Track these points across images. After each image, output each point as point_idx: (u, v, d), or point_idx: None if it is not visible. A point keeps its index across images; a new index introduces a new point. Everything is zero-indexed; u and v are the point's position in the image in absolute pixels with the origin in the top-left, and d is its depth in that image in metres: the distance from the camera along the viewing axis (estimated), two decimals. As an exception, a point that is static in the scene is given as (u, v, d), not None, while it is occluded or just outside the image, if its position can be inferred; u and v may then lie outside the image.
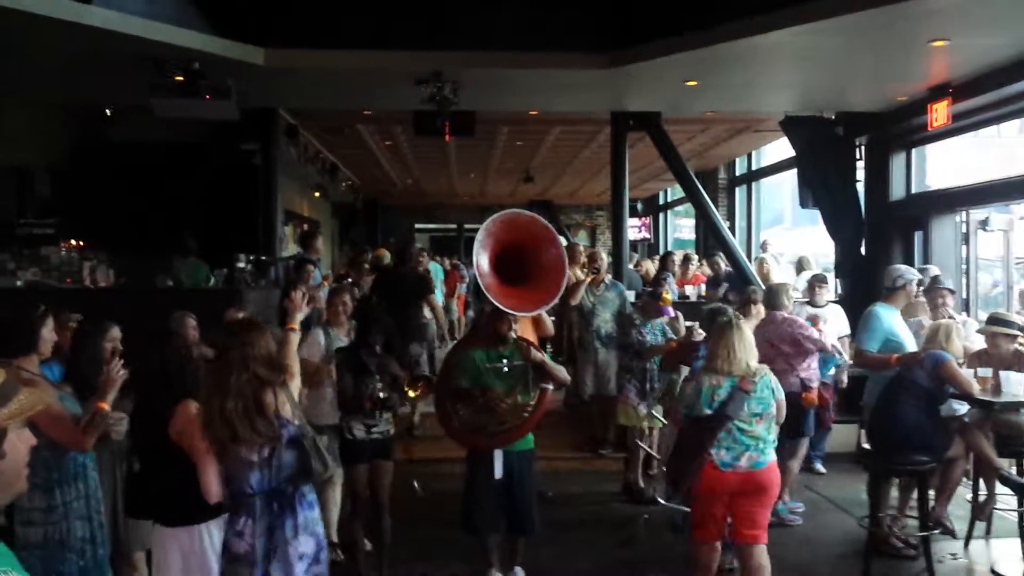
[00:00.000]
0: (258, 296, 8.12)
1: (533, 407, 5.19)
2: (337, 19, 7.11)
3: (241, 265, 8.31)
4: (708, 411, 4.65)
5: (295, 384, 3.66)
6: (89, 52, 6.70)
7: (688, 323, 7.26)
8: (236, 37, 6.84)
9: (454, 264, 17.94)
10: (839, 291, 9.73)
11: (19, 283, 8.04)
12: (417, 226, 24.52)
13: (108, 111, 9.92)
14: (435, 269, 12.88)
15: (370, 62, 7.30)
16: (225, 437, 3.38)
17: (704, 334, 6.17)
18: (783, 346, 6.56)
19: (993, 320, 6.20)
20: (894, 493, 6.34)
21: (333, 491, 5.77)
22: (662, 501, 6.70)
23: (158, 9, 6.36)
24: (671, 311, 7.46)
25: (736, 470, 4.56)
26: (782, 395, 4.74)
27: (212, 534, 3.68)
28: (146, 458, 4.14)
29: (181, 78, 6.85)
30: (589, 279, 8.20)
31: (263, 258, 8.93)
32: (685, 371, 6.95)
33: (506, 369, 5.22)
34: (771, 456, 4.65)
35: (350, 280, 11.10)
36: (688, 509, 5.14)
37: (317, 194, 16.16)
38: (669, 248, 19.08)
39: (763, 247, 12.69)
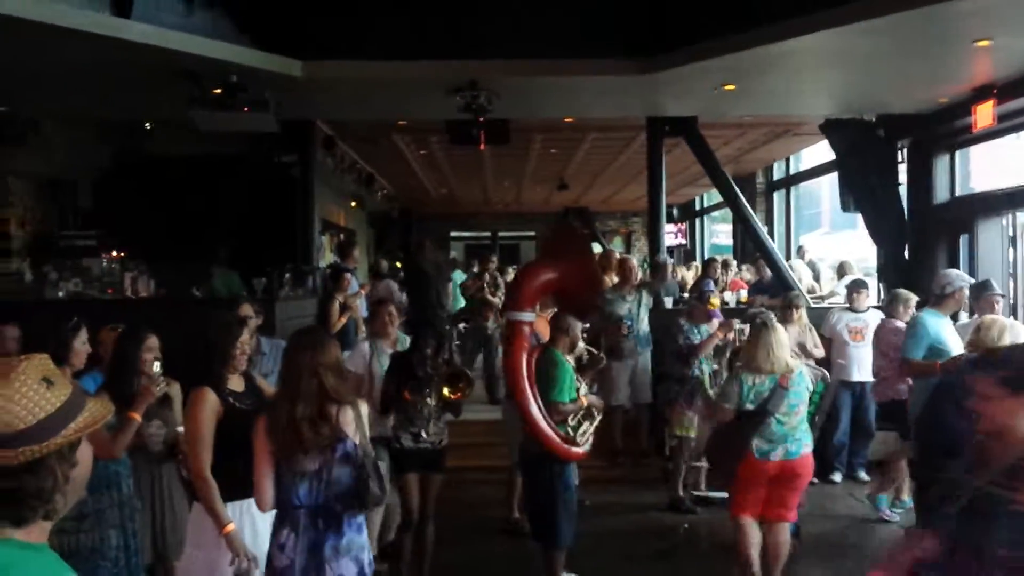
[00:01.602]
0: (293, 305, 8.17)
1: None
2: (373, 30, 7.14)
3: (282, 275, 8.37)
4: (750, 406, 5.14)
5: (364, 408, 3.59)
6: (128, 66, 6.78)
7: (740, 325, 7.19)
8: (274, 50, 6.89)
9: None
10: (881, 296, 9.56)
11: (61, 294, 8.15)
12: (452, 234, 24.59)
13: (148, 124, 10.06)
14: (457, 277, 12.84)
15: (406, 72, 7.31)
16: (293, 443, 3.36)
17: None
18: (891, 353, 6.60)
19: None
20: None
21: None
22: (698, 493, 6.69)
23: (196, 23, 6.43)
24: (720, 315, 7.41)
25: (773, 458, 5.07)
26: (812, 386, 5.33)
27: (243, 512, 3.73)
28: None
29: (219, 91, 6.91)
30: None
31: (301, 267, 8.99)
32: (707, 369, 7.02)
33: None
34: (805, 446, 5.15)
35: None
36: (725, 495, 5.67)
37: (353, 204, 16.27)
38: (706, 253, 18.95)
39: (800, 253, 12.54)
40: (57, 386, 1.73)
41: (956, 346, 5.95)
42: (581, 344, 5.70)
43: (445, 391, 5.12)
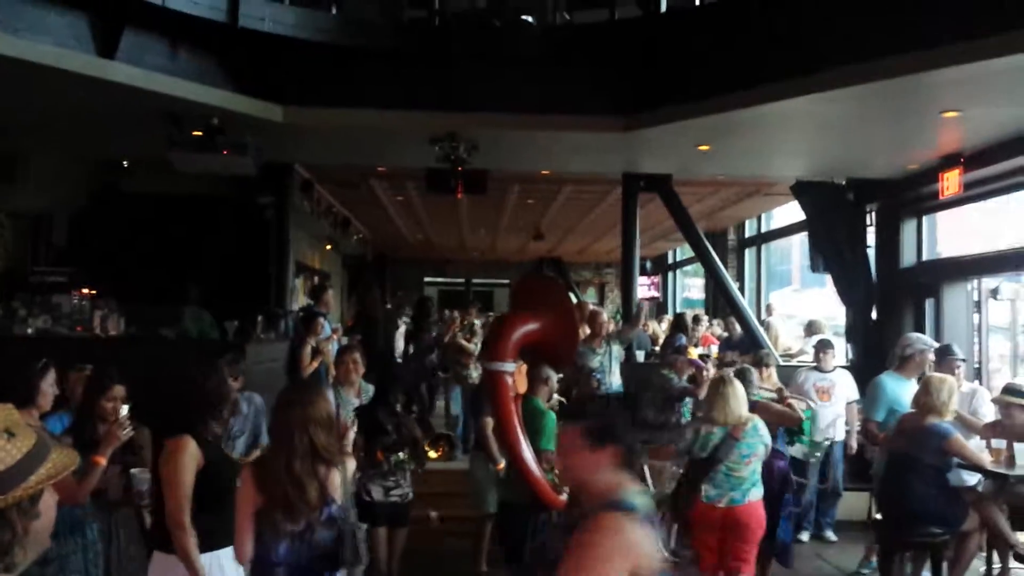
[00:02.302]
0: (265, 349, 8.11)
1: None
2: (354, 79, 7.22)
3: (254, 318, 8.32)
4: (703, 454, 5.36)
5: (351, 465, 3.59)
6: (111, 106, 6.82)
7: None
8: (256, 94, 6.95)
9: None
10: (849, 356, 9.68)
11: (30, 331, 8.04)
12: (426, 279, 24.60)
13: (125, 163, 10.05)
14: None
15: (386, 121, 7.40)
16: (286, 499, 3.29)
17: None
18: None
19: (1008, 390, 6.14)
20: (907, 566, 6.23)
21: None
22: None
23: (180, 66, 6.49)
24: (701, 363, 7.51)
25: (717, 504, 5.26)
26: (769, 441, 5.40)
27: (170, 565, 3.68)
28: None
29: (199, 133, 6.94)
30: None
31: (274, 310, 8.95)
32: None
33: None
34: (752, 495, 5.29)
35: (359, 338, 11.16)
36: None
37: (328, 247, 16.24)
38: (679, 307, 19.09)
39: (768, 311, 12.66)
40: (19, 437, 1.70)
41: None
42: (555, 395, 5.79)
43: (430, 454, 5.12)
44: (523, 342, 5.59)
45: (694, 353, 7.60)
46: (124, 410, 4.17)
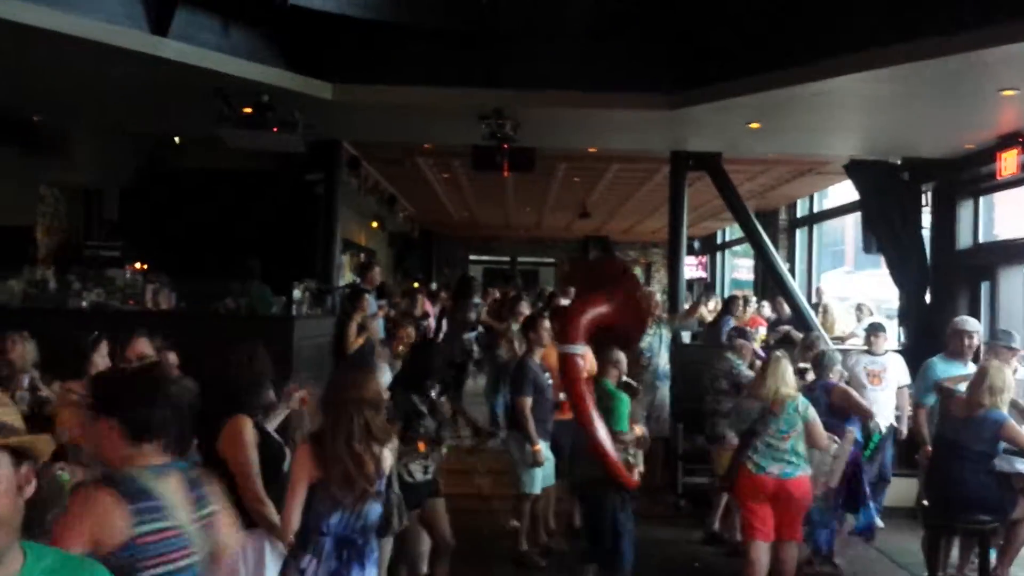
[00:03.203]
0: (312, 325, 8.20)
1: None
2: (403, 56, 7.22)
3: (298, 293, 8.39)
4: (742, 427, 5.79)
5: (394, 442, 3.71)
6: (162, 83, 6.91)
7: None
8: (305, 72, 6.99)
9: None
10: (902, 339, 9.51)
11: (84, 304, 8.22)
12: (471, 257, 24.65)
13: (177, 139, 10.19)
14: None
15: (433, 98, 7.40)
16: (353, 472, 3.42)
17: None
18: None
19: None
20: (955, 551, 6.13)
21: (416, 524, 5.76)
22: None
23: (231, 43, 6.54)
24: (763, 354, 7.47)
25: (768, 474, 5.45)
26: (814, 418, 5.57)
27: (247, 545, 3.71)
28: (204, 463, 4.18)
29: (249, 110, 7.01)
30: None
31: (320, 286, 9.03)
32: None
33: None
34: (800, 470, 5.48)
35: (402, 310, 11.24)
36: None
37: (375, 224, 16.35)
38: (727, 288, 18.90)
39: (817, 293, 12.43)
40: None
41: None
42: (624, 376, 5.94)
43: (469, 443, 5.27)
44: (594, 324, 5.78)
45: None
46: None
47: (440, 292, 15.19)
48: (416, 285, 15.66)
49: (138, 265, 9.44)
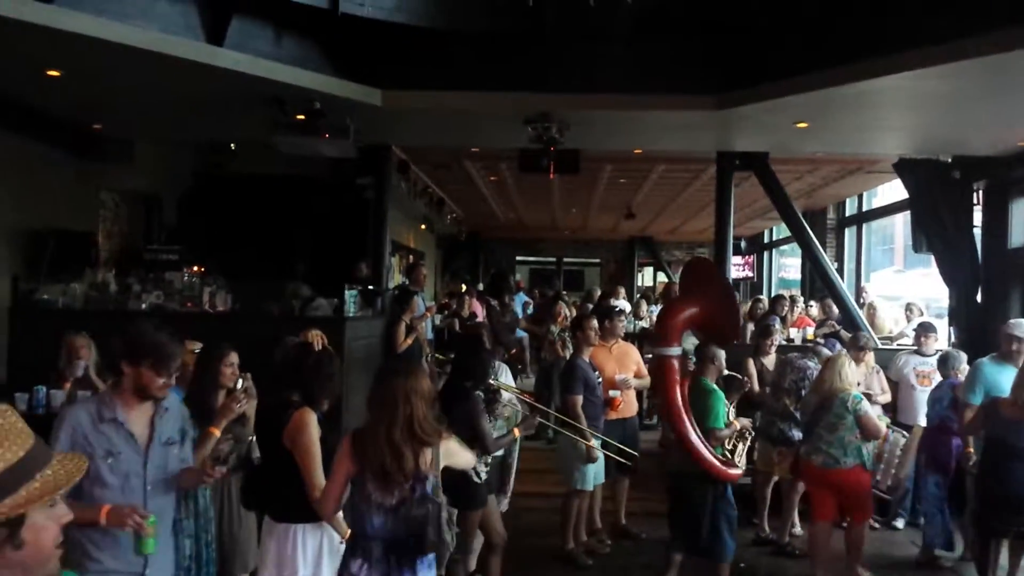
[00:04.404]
0: (362, 325, 8.35)
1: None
2: (450, 61, 7.34)
3: (351, 294, 8.57)
4: (806, 419, 6.35)
5: (451, 444, 3.62)
6: (218, 91, 7.11)
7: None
8: (356, 78, 7.15)
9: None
10: (952, 339, 9.39)
11: (144, 306, 8.45)
12: (518, 258, 24.78)
13: (232, 145, 10.45)
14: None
15: (480, 103, 7.51)
16: (387, 464, 3.36)
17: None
18: None
19: None
20: (1005, 554, 6.07)
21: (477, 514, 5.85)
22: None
23: (284, 51, 6.72)
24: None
25: (813, 463, 6.02)
26: (863, 411, 5.91)
27: (306, 537, 3.93)
28: (264, 454, 4.31)
29: (302, 117, 7.18)
30: None
31: (370, 288, 9.19)
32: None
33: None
34: (845, 462, 5.89)
35: (453, 309, 11.38)
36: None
37: (423, 226, 16.55)
38: (774, 287, 18.74)
39: (860, 292, 12.26)
40: (5, 446, 1.46)
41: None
42: (724, 371, 6.19)
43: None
44: (686, 325, 6.08)
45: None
46: (240, 383, 4.39)
47: (487, 293, 15.34)
48: (464, 287, 15.82)
49: (195, 268, 9.69)
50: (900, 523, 7.70)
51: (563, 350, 9.90)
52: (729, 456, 5.90)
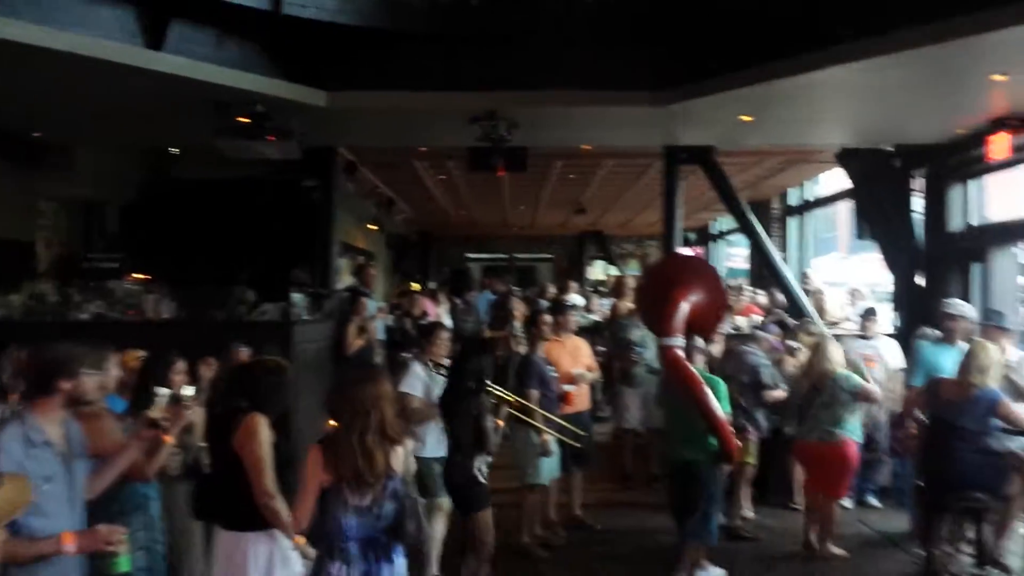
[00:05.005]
0: (311, 329, 8.28)
1: None
2: (395, 62, 7.31)
3: (296, 297, 8.49)
4: (798, 402, 6.79)
5: (408, 445, 3.79)
6: (159, 96, 7.00)
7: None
8: (300, 80, 7.09)
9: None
10: (896, 323, 9.61)
11: (84, 316, 8.28)
12: (469, 256, 24.72)
13: (174, 150, 10.28)
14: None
15: (426, 102, 7.49)
16: (362, 468, 3.46)
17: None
18: None
19: None
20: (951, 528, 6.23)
21: (438, 523, 5.83)
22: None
23: (225, 54, 6.64)
24: (779, 344, 7.70)
25: (808, 441, 6.56)
26: (857, 384, 6.39)
27: (257, 545, 3.87)
28: (214, 462, 4.26)
29: (246, 120, 7.10)
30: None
31: (319, 290, 9.12)
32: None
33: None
34: (838, 437, 6.40)
35: (404, 308, 11.33)
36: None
37: (373, 227, 16.43)
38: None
39: (804, 280, 12.47)
40: None
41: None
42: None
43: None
44: (687, 317, 6.12)
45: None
46: (190, 391, 4.33)
47: (439, 291, 15.28)
48: (415, 286, 15.74)
49: (138, 276, 9.51)
50: (847, 503, 7.86)
51: (516, 345, 9.92)
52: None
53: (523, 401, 6.25)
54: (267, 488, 3.79)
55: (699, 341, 6.30)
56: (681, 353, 6.03)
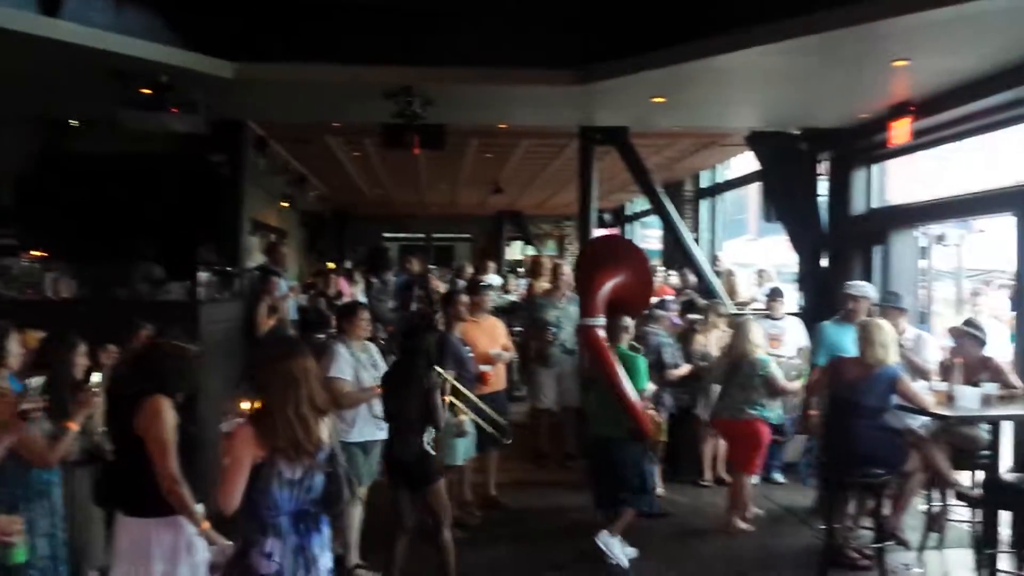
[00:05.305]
0: (220, 309, 8.06)
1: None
2: (306, 33, 7.13)
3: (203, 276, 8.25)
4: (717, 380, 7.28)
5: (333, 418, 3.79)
6: (56, 66, 6.67)
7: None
8: (206, 51, 6.83)
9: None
10: (801, 303, 9.89)
11: (-22, 295, 7.90)
12: (386, 235, 24.48)
13: (74, 122, 9.84)
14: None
15: (338, 76, 7.32)
16: (302, 439, 3.45)
17: None
18: None
19: (967, 323, 6.37)
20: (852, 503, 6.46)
21: (355, 510, 5.77)
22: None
23: (127, 23, 6.34)
24: (677, 319, 7.84)
25: (721, 418, 7.08)
26: (771, 373, 6.82)
27: (160, 531, 3.79)
28: (116, 448, 4.15)
29: (148, 91, 6.83)
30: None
31: (227, 269, 8.88)
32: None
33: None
34: (748, 414, 6.83)
35: (318, 288, 11.15)
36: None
37: (285, 204, 16.09)
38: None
39: (715, 260, 12.77)
40: None
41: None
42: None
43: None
44: (610, 297, 6.33)
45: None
46: (96, 377, 4.21)
47: (355, 271, 15.08)
48: (331, 265, 15.50)
49: (36, 253, 9.11)
50: (778, 475, 8.09)
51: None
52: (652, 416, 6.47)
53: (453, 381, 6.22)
54: (171, 473, 3.71)
55: (627, 320, 6.42)
56: (601, 333, 6.17)
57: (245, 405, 3.74)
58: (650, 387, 6.58)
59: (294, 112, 9.21)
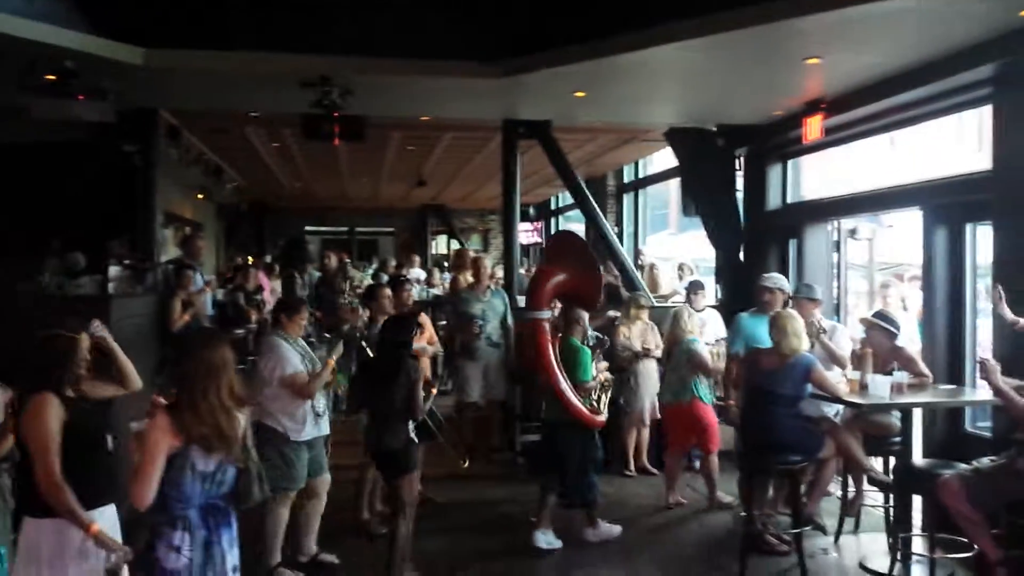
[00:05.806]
0: (132, 303, 7.81)
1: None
2: (220, 19, 6.92)
3: (115, 270, 7.97)
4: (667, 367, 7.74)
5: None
6: (-48, 48, 6.35)
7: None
8: (114, 36, 6.57)
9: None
10: (719, 296, 10.08)
11: None
12: (307, 228, 24.09)
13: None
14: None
15: (254, 64, 7.14)
16: (225, 428, 3.40)
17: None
18: None
19: (876, 315, 6.55)
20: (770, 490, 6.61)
21: (284, 509, 5.67)
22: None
23: (31, 6, 6.06)
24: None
25: (663, 401, 7.76)
26: (694, 349, 7.35)
27: (41, 532, 3.65)
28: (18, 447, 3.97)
29: (53, 78, 6.56)
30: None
31: (140, 263, 8.62)
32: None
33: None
34: (684, 397, 7.37)
35: (237, 282, 10.90)
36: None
37: (201, 196, 15.69)
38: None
39: (637, 255, 12.93)
40: None
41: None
42: (589, 331, 6.88)
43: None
44: (556, 292, 6.73)
45: None
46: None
47: (275, 265, 14.82)
48: (250, 259, 15.19)
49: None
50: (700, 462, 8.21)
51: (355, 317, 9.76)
52: (595, 405, 6.61)
53: None
54: (50, 474, 3.56)
55: (581, 313, 6.65)
56: (547, 326, 6.53)
57: (161, 400, 3.60)
58: (602, 377, 6.79)
59: (208, 101, 8.95)
